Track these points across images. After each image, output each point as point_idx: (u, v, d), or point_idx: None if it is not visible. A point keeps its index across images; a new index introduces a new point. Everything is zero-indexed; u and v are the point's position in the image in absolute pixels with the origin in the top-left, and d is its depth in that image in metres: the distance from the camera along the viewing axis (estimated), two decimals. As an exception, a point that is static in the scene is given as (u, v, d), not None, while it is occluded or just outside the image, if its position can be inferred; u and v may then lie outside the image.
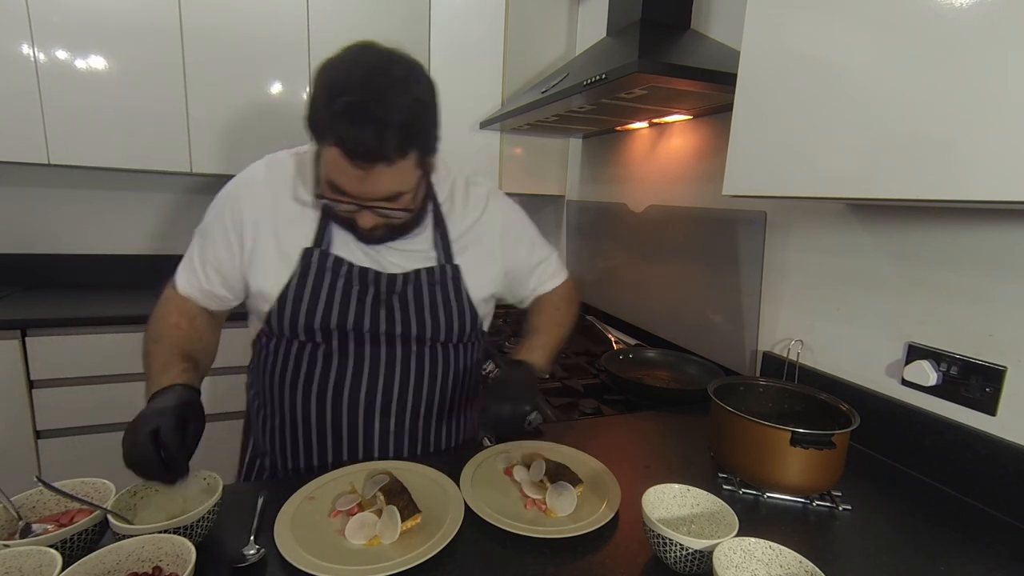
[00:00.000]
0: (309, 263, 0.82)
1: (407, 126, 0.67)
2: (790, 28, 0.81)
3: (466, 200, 0.93)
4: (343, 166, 0.68)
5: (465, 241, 0.90)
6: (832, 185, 0.74)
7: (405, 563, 0.61)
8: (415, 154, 0.71)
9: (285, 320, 0.82)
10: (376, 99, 0.65)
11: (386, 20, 2.08)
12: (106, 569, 0.55)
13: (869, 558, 0.70)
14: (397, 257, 0.85)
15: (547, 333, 0.98)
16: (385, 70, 0.67)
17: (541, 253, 1.04)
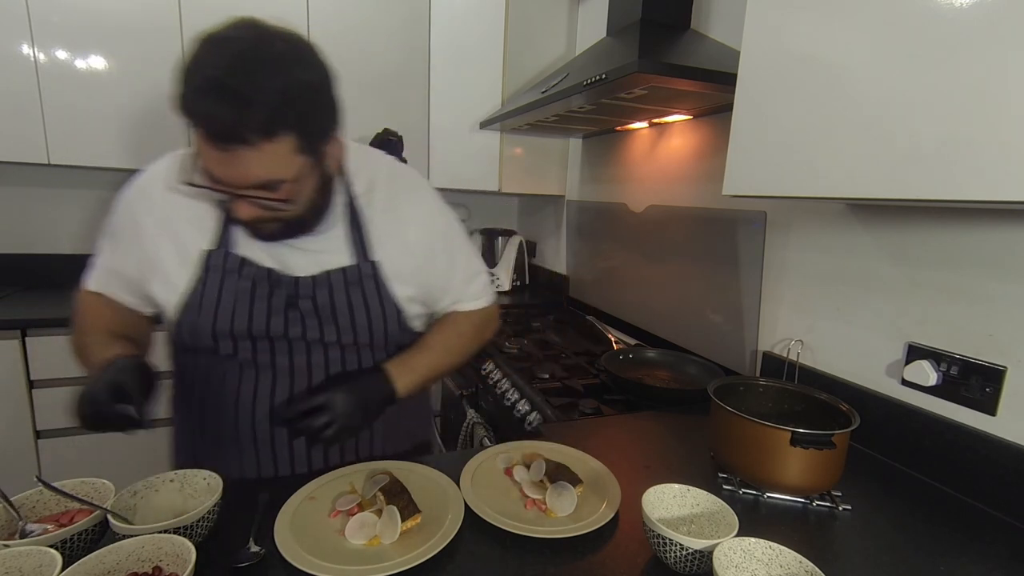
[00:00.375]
0: (210, 265, 0.76)
1: (277, 106, 0.60)
2: (790, 28, 0.81)
3: (388, 193, 0.84)
4: (206, 148, 0.63)
5: (385, 236, 0.83)
6: (832, 185, 0.74)
7: (405, 563, 0.61)
8: (290, 138, 0.64)
9: (187, 328, 0.77)
10: (240, 74, 0.59)
11: (386, 20, 2.08)
12: (106, 569, 0.55)
13: (869, 558, 0.70)
14: (302, 257, 0.79)
15: (433, 357, 0.88)
16: (261, 47, 0.61)
17: (465, 266, 0.93)
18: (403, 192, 0.86)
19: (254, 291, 0.77)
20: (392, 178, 0.86)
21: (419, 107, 2.20)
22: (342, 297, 0.80)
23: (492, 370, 1.45)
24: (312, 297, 0.79)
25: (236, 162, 0.63)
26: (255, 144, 0.61)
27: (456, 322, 0.93)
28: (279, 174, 0.66)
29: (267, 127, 0.61)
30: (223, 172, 0.64)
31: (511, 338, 1.72)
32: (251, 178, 0.65)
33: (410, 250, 0.84)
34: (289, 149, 0.65)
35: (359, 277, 0.81)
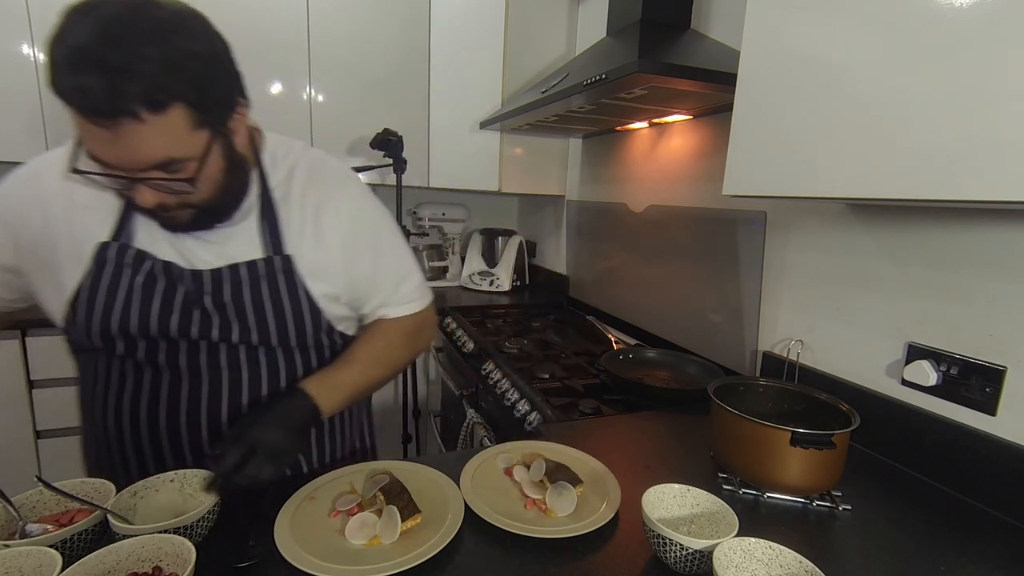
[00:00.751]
0: (105, 259, 0.70)
1: (159, 74, 0.55)
2: (790, 28, 0.81)
3: (308, 185, 0.79)
4: (87, 128, 0.56)
5: (302, 230, 0.77)
6: (832, 185, 0.74)
7: (405, 563, 0.61)
8: (183, 110, 0.58)
9: (80, 327, 0.71)
10: (113, 42, 0.53)
11: (386, 20, 2.08)
12: (106, 569, 0.55)
13: (869, 558, 0.70)
14: (208, 250, 0.73)
15: (358, 370, 0.82)
16: (136, 14, 0.55)
17: (395, 267, 0.87)
18: (325, 185, 0.80)
19: (152, 287, 0.72)
20: (313, 170, 0.81)
21: (419, 107, 2.20)
22: (249, 293, 0.74)
23: (492, 370, 1.45)
24: (216, 293, 0.73)
25: (124, 140, 0.57)
26: (141, 117, 0.56)
27: (384, 330, 0.87)
28: (176, 151, 0.60)
29: (151, 97, 0.55)
30: (111, 153, 0.58)
31: (511, 338, 1.72)
32: (145, 157, 0.59)
33: (329, 246, 0.79)
34: (184, 122, 0.59)
35: (270, 272, 0.75)
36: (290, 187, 0.78)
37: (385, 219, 0.88)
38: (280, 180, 0.78)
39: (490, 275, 2.45)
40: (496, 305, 2.18)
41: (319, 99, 2.06)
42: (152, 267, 0.72)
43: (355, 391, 0.82)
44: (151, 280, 0.72)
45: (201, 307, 0.73)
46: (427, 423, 2.20)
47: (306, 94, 2.03)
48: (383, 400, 2.14)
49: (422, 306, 0.92)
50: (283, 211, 0.77)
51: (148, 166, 0.60)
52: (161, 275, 0.72)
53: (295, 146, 0.83)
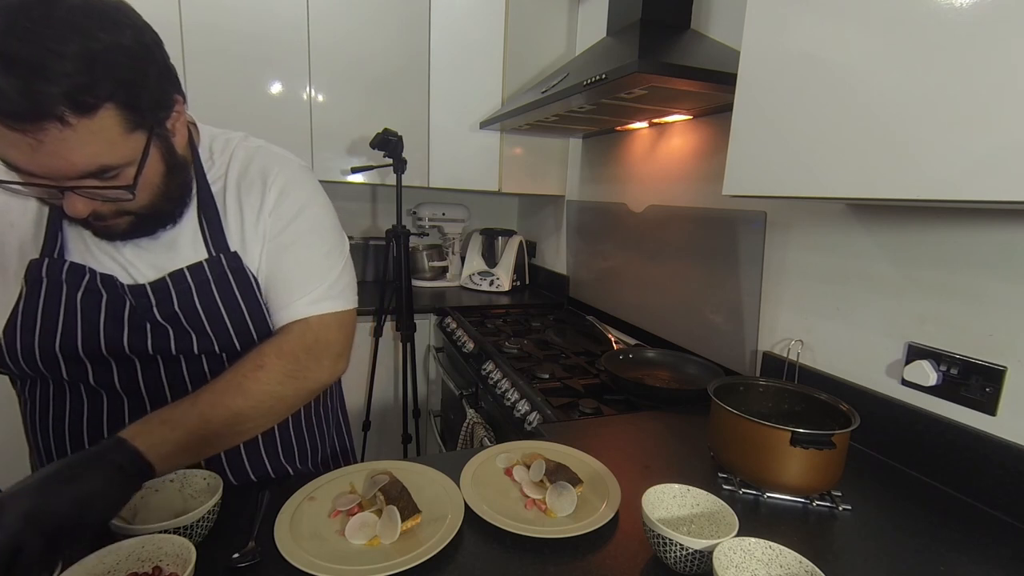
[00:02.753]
0: (38, 277, 0.64)
1: (81, 72, 0.50)
2: (790, 28, 0.81)
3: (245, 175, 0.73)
4: (4, 135, 0.50)
5: (245, 226, 0.72)
6: (832, 185, 0.74)
7: (405, 563, 0.61)
8: (113, 111, 0.53)
9: (18, 354, 0.64)
10: (21, 38, 0.48)
11: (386, 20, 2.08)
12: (106, 569, 0.55)
13: (869, 558, 0.70)
14: (147, 259, 0.68)
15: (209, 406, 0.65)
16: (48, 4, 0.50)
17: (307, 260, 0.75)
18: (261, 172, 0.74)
19: (95, 302, 0.66)
20: (251, 160, 0.75)
21: (419, 107, 2.20)
22: (199, 299, 0.69)
23: (492, 370, 1.45)
24: (164, 304, 0.67)
25: (48, 147, 0.51)
26: (67, 121, 0.50)
27: (260, 351, 0.71)
28: (110, 158, 0.55)
29: (75, 98, 0.50)
30: (35, 162, 0.52)
31: (511, 338, 1.72)
32: (74, 166, 0.53)
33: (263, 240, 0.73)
34: (116, 126, 0.54)
35: (218, 272, 0.70)
36: (227, 180, 0.73)
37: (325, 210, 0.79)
38: (218, 176, 0.73)
39: (490, 275, 2.45)
40: (496, 305, 2.18)
41: (319, 99, 2.06)
42: (91, 281, 0.65)
43: (203, 428, 0.64)
44: (92, 295, 0.65)
45: (152, 320, 0.67)
46: (427, 423, 2.20)
47: (306, 94, 2.04)
48: (383, 400, 2.14)
49: (335, 307, 0.76)
50: (222, 206, 0.72)
51: (79, 175, 0.55)
52: (102, 288, 0.66)
53: (232, 138, 0.77)
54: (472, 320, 1.93)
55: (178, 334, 0.68)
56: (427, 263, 2.53)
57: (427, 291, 2.41)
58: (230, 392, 0.67)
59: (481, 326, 1.87)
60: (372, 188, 2.52)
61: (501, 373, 1.40)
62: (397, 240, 1.97)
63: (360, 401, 2.04)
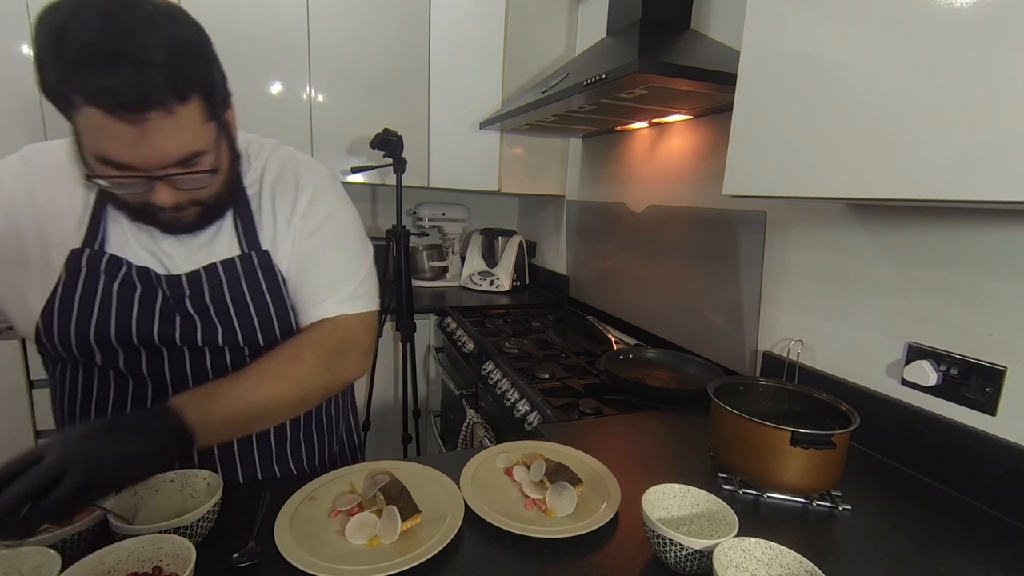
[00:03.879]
0: (78, 267, 0.67)
1: (176, 66, 0.54)
2: (790, 28, 0.81)
3: (278, 181, 0.77)
4: (109, 128, 0.53)
5: (277, 228, 0.76)
6: (832, 185, 0.74)
7: (405, 563, 0.61)
8: (198, 101, 0.58)
9: (55, 338, 0.67)
10: (120, 34, 0.51)
11: (386, 20, 2.08)
12: (106, 569, 0.55)
13: (869, 558, 0.70)
14: (184, 252, 0.70)
15: (253, 384, 0.69)
16: (129, 6, 0.53)
17: (334, 263, 0.79)
18: (293, 179, 0.78)
19: (129, 294, 0.68)
20: (283, 166, 0.79)
21: (419, 107, 2.20)
22: (229, 293, 0.72)
23: (492, 370, 1.45)
24: (196, 295, 0.71)
25: (149, 136, 0.55)
26: (170, 108, 0.54)
27: (296, 341, 0.75)
28: (196, 144, 0.59)
29: (176, 86, 0.54)
30: (135, 153, 0.55)
31: (511, 338, 1.72)
32: (169, 153, 0.57)
33: (294, 241, 0.77)
34: (200, 114, 0.58)
35: (248, 269, 0.73)
36: (262, 185, 0.77)
37: (352, 216, 0.83)
38: (254, 179, 0.77)
39: (490, 275, 2.45)
40: (496, 305, 2.18)
41: (319, 99, 2.06)
42: (127, 273, 0.69)
43: (245, 407, 0.67)
44: (127, 287, 0.69)
45: (182, 311, 0.70)
46: (427, 423, 2.20)
47: (306, 94, 2.03)
48: (383, 400, 2.14)
49: (360, 308, 0.80)
50: (256, 207, 0.76)
51: (171, 162, 0.59)
52: (137, 281, 0.69)
53: (266, 144, 0.81)
54: (472, 320, 1.93)
55: (206, 326, 0.71)
56: (427, 263, 2.53)
57: (427, 291, 2.41)
58: (269, 377, 0.71)
59: (481, 326, 1.87)
60: (372, 188, 2.52)
61: (501, 373, 1.40)
62: (397, 240, 1.97)
63: (360, 401, 2.04)
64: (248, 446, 0.80)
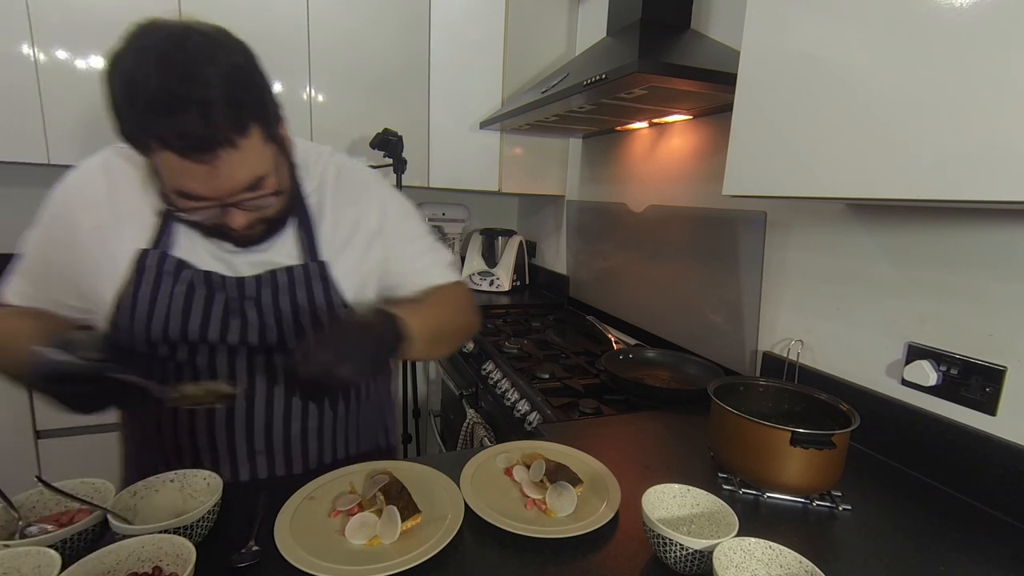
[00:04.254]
0: (144, 267, 0.71)
1: (233, 99, 0.57)
2: (790, 28, 0.81)
3: (338, 191, 0.81)
4: (183, 168, 0.58)
5: (337, 236, 0.80)
6: (832, 185, 0.74)
7: (405, 563, 0.61)
8: (257, 127, 0.61)
9: (124, 333, 0.72)
10: (182, 78, 0.54)
11: (386, 20, 2.08)
12: (106, 569, 0.55)
13: (869, 558, 0.70)
14: (247, 257, 0.75)
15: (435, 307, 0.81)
16: (181, 45, 0.56)
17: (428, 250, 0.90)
18: (355, 189, 0.82)
19: (191, 294, 0.73)
20: (340, 176, 0.82)
21: (419, 107, 2.20)
22: (287, 298, 0.76)
23: (492, 370, 1.45)
24: (256, 299, 0.75)
25: (220, 170, 0.59)
26: (235, 143, 0.58)
27: (438, 286, 0.87)
28: (260, 169, 0.63)
29: (238, 123, 0.58)
30: (208, 186, 0.60)
31: (511, 338, 1.71)
32: (239, 181, 0.62)
33: (361, 251, 0.81)
34: (260, 139, 0.62)
35: (306, 278, 0.77)
36: (323, 195, 0.80)
37: (412, 214, 0.91)
38: (314, 188, 0.80)
39: (490, 275, 2.45)
40: (496, 305, 2.18)
41: (319, 99, 2.06)
42: (192, 277, 0.73)
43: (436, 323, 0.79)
44: (190, 289, 0.73)
45: (240, 314, 0.75)
46: (427, 423, 2.20)
47: (306, 94, 2.03)
48: (383, 400, 2.14)
49: (455, 277, 0.92)
50: (317, 218, 0.79)
51: (241, 189, 0.63)
52: (200, 284, 0.73)
53: (323, 152, 0.84)
54: (472, 320, 1.92)
55: (261, 327, 0.75)
56: (427, 263, 2.53)
57: (427, 291, 2.41)
58: (449, 306, 0.82)
59: (481, 326, 1.87)
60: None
61: (501, 373, 1.40)
62: (397, 240, 1.97)
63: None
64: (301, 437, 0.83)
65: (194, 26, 0.59)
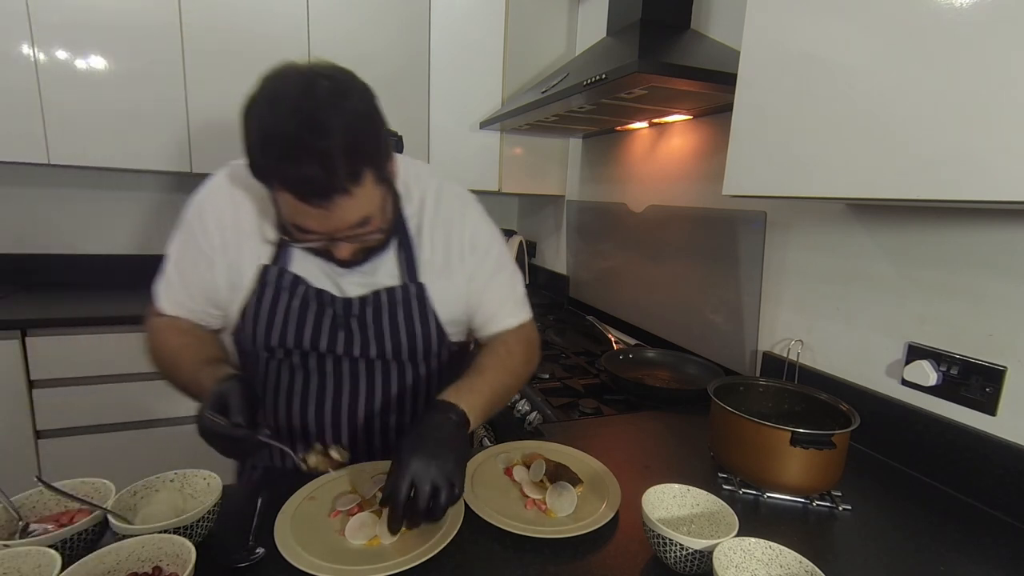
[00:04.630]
0: (266, 281, 0.80)
1: (352, 148, 0.62)
2: (790, 28, 0.81)
3: (436, 215, 0.85)
4: (300, 208, 0.64)
5: (434, 259, 0.84)
6: (832, 185, 0.74)
7: (405, 563, 0.61)
8: (371, 172, 0.65)
9: (247, 336, 0.82)
10: (310, 131, 0.59)
11: (386, 20, 2.08)
12: (106, 569, 0.55)
13: (869, 558, 0.70)
14: (356, 278, 0.81)
15: (493, 378, 0.82)
16: (309, 92, 0.61)
17: (507, 285, 0.91)
18: (450, 215, 0.86)
19: (305, 309, 0.81)
20: (439, 200, 0.86)
21: (419, 107, 2.20)
22: (388, 316, 0.82)
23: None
24: (360, 316, 0.82)
25: (335, 213, 0.65)
26: (349, 191, 0.63)
27: (503, 339, 0.89)
28: (369, 209, 0.68)
29: (354, 172, 0.63)
30: (322, 225, 0.67)
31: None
32: (349, 221, 0.67)
33: (455, 275, 0.85)
34: (371, 183, 0.66)
35: (405, 298, 0.83)
36: (422, 218, 0.84)
37: (499, 240, 0.92)
38: (413, 211, 0.84)
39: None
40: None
41: (319, 99, 2.06)
42: (306, 292, 0.80)
43: (492, 396, 0.80)
44: (304, 304, 0.81)
45: (347, 329, 0.82)
46: (427, 423, 2.20)
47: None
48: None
49: (527, 316, 0.94)
50: (416, 241, 0.83)
51: (349, 228, 0.68)
52: (313, 300, 0.80)
53: (422, 173, 0.87)
54: (472, 320, 1.92)
55: (364, 341, 0.83)
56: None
57: (427, 291, 2.41)
58: (498, 370, 0.83)
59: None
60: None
61: (501, 373, 1.40)
62: (397, 240, 1.97)
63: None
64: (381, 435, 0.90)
65: (321, 70, 0.64)
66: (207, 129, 1.91)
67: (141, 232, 2.20)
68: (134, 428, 1.80)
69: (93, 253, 2.15)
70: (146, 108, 1.84)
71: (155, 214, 2.21)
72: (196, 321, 0.85)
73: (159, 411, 1.81)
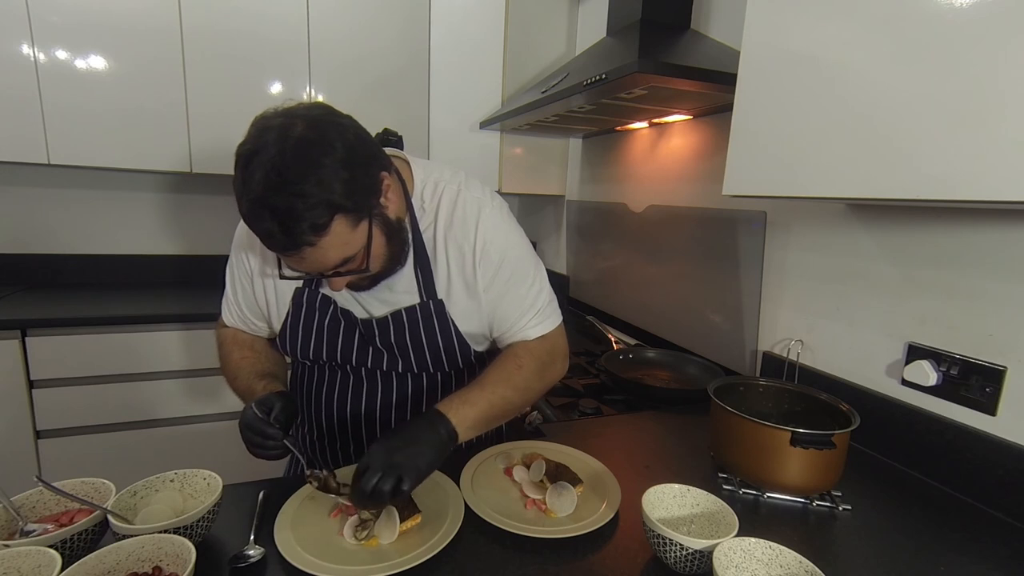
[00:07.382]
0: (301, 302, 0.86)
1: (317, 203, 0.63)
2: (790, 28, 0.81)
3: (450, 227, 0.83)
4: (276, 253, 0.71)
5: (451, 273, 0.83)
6: (832, 185, 0.74)
7: (405, 563, 0.61)
8: (342, 219, 0.66)
9: (287, 349, 0.90)
10: (279, 188, 0.61)
11: (386, 20, 2.08)
12: (106, 569, 0.55)
13: (869, 558, 0.70)
14: (377, 299, 0.84)
15: (493, 392, 0.80)
16: (286, 145, 0.62)
17: (526, 294, 0.87)
18: (463, 224, 0.83)
19: (336, 328, 0.86)
20: (454, 209, 0.83)
21: (419, 107, 2.20)
22: (409, 334, 0.85)
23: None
24: (383, 336, 0.85)
25: (306, 259, 0.68)
26: (314, 243, 0.65)
27: (515, 352, 0.87)
28: (346, 252, 0.70)
29: (315, 225, 0.64)
30: (302, 266, 0.71)
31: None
32: (326, 264, 0.70)
33: (473, 289, 0.84)
34: (345, 228, 0.67)
35: (425, 315, 0.84)
36: (436, 232, 0.84)
37: (516, 247, 0.87)
38: (428, 224, 0.84)
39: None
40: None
41: (319, 99, 2.06)
42: (334, 311, 0.85)
43: (490, 410, 0.79)
44: (334, 322, 0.86)
45: (374, 346, 0.86)
46: (427, 423, 2.20)
47: (306, 94, 2.03)
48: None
49: (553, 325, 0.91)
50: (432, 256, 0.84)
51: (329, 269, 0.71)
52: (341, 319, 0.85)
53: (440, 181, 0.86)
54: (472, 320, 1.92)
55: (390, 358, 0.87)
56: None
57: (427, 291, 2.41)
58: (502, 384, 0.82)
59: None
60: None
61: (501, 373, 1.40)
62: (397, 240, 1.97)
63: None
64: None
65: (300, 114, 0.65)
66: (207, 129, 1.91)
67: (141, 232, 2.20)
68: (134, 428, 1.80)
69: (93, 253, 2.15)
70: (146, 108, 1.84)
71: (155, 214, 2.21)
72: (250, 331, 0.94)
73: (159, 411, 1.81)
